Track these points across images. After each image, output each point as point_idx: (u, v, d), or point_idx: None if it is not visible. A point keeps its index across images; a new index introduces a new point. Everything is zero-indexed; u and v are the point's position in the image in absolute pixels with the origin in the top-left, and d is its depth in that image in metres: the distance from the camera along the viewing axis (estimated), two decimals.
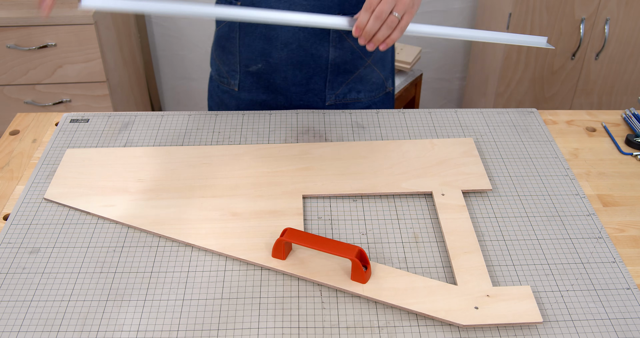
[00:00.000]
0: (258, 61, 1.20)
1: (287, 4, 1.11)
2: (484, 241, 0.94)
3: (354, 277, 0.85)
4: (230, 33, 1.20)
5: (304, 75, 1.21)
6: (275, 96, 1.25)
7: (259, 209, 0.97)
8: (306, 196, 1.00)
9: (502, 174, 1.07)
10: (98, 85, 2.07)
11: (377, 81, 1.28)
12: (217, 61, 1.28)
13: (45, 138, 1.16)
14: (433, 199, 1.00)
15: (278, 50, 1.17)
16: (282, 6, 1.11)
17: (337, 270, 0.87)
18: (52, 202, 0.99)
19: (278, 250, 0.88)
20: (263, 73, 1.22)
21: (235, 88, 1.26)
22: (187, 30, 2.47)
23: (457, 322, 0.80)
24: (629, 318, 0.83)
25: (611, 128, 1.21)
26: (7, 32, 1.93)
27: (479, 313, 0.81)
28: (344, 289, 0.84)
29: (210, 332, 0.80)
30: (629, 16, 2.01)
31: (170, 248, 0.91)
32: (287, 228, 0.87)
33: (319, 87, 1.23)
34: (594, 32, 2.04)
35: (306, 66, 1.20)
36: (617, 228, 0.98)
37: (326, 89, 1.24)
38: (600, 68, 2.14)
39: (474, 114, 1.22)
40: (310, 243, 0.85)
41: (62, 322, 0.81)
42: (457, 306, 0.82)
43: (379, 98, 1.30)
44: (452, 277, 0.87)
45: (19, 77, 2.03)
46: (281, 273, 0.88)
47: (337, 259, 0.88)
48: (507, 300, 0.82)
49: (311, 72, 1.21)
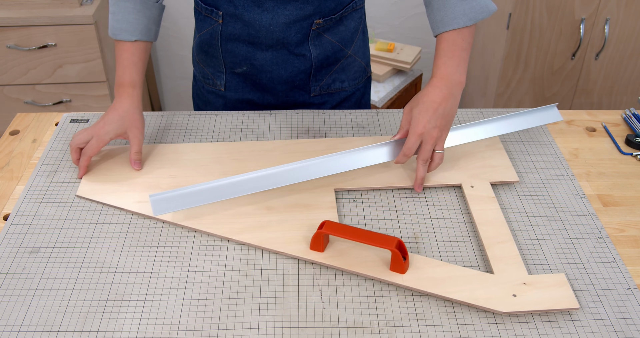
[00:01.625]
0: (242, 64, 1.21)
1: (270, 14, 1.12)
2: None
3: (393, 268, 0.86)
4: (212, 40, 1.20)
5: (289, 74, 1.21)
6: (263, 95, 1.25)
7: (292, 204, 0.98)
8: (338, 190, 1.02)
9: None
10: (98, 85, 2.07)
11: (358, 69, 1.29)
12: (201, 63, 1.28)
13: (45, 138, 1.16)
14: (462, 191, 1.02)
15: (262, 51, 1.18)
16: (265, 17, 1.12)
17: (375, 261, 0.88)
18: (84, 199, 1.00)
19: (317, 243, 0.89)
20: (249, 75, 1.23)
21: (222, 88, 1.27)
22: (187, 31, 2.47)
23: (497, 309, 0.81)
24: (629, 318, 0.83)
25: (611, 128, 1.21)
26: (7, 32, 1.93)
27: (517, 300, 0.83)
28: (383, 279, 0.86)
29: (210, 332, 0.80)
30: (629, 16, 2.01)
31: (170, 248, 0.91)
32: (326, 221, 0.89)
33: (304, 83, 1.24)
34: (594, 32, 2.04)
35: (290, 65, 1.20)
36: (617, 228, 0.98)
37: (310, 83, 1.24)
38: (600, 68, 2.14)
39: (474, 114, 1.22)
40: (349, 235, 0.86)
41: (62, 322, 0.81)
42: (496, 294, 0.84)
43: (362, 84, 1.32)
44: (487, 266, 0.89)
45: (19, 77, 2.03)
46: (280, 273, 0.88)
47: (375, 250, 0.89)
48: (544, 287, 0.84)
49: (296, 70, 1.21)
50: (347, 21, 1.19)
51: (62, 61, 2.00)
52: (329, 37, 1.17)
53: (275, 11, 1.11)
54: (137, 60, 1.08)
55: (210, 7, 1.16)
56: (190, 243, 0.93)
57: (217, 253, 0.91)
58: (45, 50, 1.97)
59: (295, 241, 0.91)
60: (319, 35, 1.16)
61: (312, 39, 1.17)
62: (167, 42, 2.51)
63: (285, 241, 0.91)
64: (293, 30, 1.14)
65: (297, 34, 1.14)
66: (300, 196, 1.00)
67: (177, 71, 2.61)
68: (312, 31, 1.15)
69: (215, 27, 1.18)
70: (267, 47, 1.17)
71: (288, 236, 0.92)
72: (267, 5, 1.10)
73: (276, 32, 1.13)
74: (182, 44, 2.51)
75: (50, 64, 2.00)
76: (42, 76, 2.03)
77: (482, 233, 0.93)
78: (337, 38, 1.19)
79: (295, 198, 0.99)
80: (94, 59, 2.00)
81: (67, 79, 2.05)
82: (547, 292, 0.84)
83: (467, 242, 0.93)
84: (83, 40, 1.96)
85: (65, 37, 1.95)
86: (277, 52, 1.18)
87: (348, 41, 1.21)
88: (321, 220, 0.93)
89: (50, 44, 1.95)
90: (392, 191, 1.03)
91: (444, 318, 0.82)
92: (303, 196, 1.00)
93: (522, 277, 0.86)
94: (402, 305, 0.83)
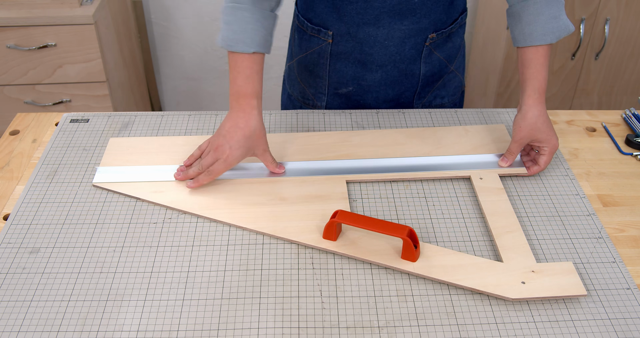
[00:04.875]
0: (349, 84, 1.21)
1: (385, 30, 1.12)
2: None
3: (404, 256, 0.88)
4: (320, 60, 1.19)
5: (395, 92, 1.22)
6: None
7: (305, 194, 1.00)
8: (349, 181, 1.04)
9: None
10: (98, 85, 2.07)
11: (458, 84, 1.30)
12: (302, 83, 1.26)
13: (45, 138, 1.16)
14: (471, 183, 1.03)
15: (372, 72, 1.18)
16: (381, 33, 1.12)
17: (387, 249, 0.90)
18: (101, 188, 1.02)
19: (330, 232, 0.90)
20: (353, 95, 1.23)
21: (322, 109, 1.26)
22: (187, 30, 2.47)
23: (506, 296, 0.83)
24: (629, 318, 0.83)
25: (611, 128, 1.21)
26: (7, 32, 1.92)
27: (526, 287, 0.84)
28: (395, 267, 0.87)
29: (210, 332, 0.80)
30: (629, 16, 2.01)
31: (170, 248, 0.91)
32: (339, 210, 0.90)
33: (408, 101, 1.25)
34: (594, 32, 2.04)
35: (399, 83, 1.21)
36: (617, 228, 0.98)
37: (414, 101, 1.25)
38: (600, 68, 2.14)
39: (474, 114, 1.22)
40: (362, 223, 0.88)
41: (62, 322, 0.81)
42: (505, 281, 0.85)
43: (458, 98, 1.33)
44: (496, 255, 0.91)
45: (19, 77, 2.03)
46: (280, 273, 0.88)
47: (387, 239, 0.91)
48: (552, 274, 0.86)
49: (403, 89, 1.22)
50: (454, 37, 1.20)
51: (62, 61, 2.00)
52: (438, 53, 1.19)
53: (391, 27, 1.11)
54: (259, 69, 1.00)
55: (318, 27, 1.16)
56: (190, 243, 0.93)
57: (217, 253, 0.91)
58: (45, 50, 1.97)
59: (309, 231, 0.93)
60: (430, 52, 1.17)
61: (425, 56, 1.17)
62: (167, 42, 2.51)
63: (298, 231, 0.93)
64: (408, 46, 1.14)
65: (411, 49, 1.15)
66: (312, 187, 1.01)
67: (177, 71, 2.61)
68: (425, 47, 1.16)
69: (323, 47, 1.17)
70: (378, 68, 1.17)
71: (301, 225, 0.94)
72: (383, 21, 1.10)
73: (391, 46, 1.14)
74: (182, 44, 2.51)
75: (50, 64, 2.00)
76: (42, 76, 2.03)
77: (491, 223, 0.95)
78: (444, 55, 1.20)
79: (308, 189, 1.01)
80: (94, 59, 2.00)
81: (67, 79, 2.04)
82: (555, 279, 0.85)
83: (477, 232, 0.95)
84: (83, 41, 1.96)
85: (65, 37, 1.95)
86: (387, 73, 1.18)
87: (452, 57, 1.23)
88: (333, 210, 0.94)
89: (50, 44, 1.95)
90: (402, 183, 1.04)
91: (444, 318, 0.82)
92: (315, 187, 1.02)
93: (530, 265, 0.88)
94: (402, 305, 0.83)
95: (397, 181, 1.05)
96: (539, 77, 1.03)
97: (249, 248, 0.92)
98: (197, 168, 1.01)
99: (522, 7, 1.03)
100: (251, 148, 1.00)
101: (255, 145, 1.00)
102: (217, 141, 1.00)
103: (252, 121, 0.99)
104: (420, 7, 1.10)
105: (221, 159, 0.99)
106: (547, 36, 1.02)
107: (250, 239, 0.93)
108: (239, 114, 0.99)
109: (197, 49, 2.52)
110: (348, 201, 0.99)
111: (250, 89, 0.99)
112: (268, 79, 2.60)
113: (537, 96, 1.03)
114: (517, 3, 1.04)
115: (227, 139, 0.99)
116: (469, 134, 1.14)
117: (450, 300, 0.84)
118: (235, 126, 0.98)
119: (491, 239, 0.93)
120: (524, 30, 1.03)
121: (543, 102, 1.04)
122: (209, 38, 2.48)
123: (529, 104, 1.03)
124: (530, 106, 1.03)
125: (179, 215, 0.97)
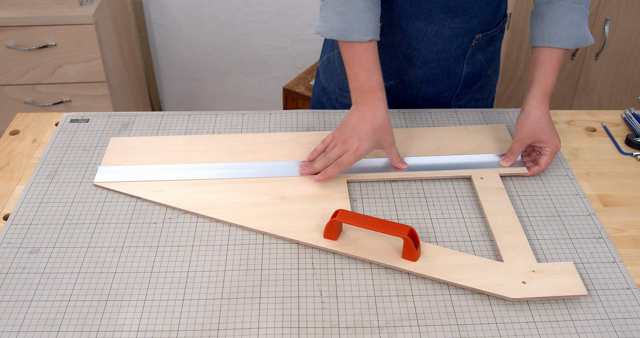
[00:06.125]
0: (391, 78, 1.20)
1: (436, 26, 1.12)
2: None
3: (405, 255, 0.88)
4: None
5: (435, 91, 1.22)
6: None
7: (306, 194, 1.00)
8: (350, 181, 1.04)
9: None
10: (98, 85, 2.07)
11: (492, 88, 1.30)
12: (342, 75, 1.25)
13: (45, 138, 1.16)
14: (472, 183, 1.03)
15: (416, 68, 1.18)
16: (431, 29, 1.12)
17: (388, 248, 0.90)
18: (101, 188, 1.02)
19: (330, 231, 0.90)
20: (393, 90, 1.22)
21: None
22: (187, 30, 2.47)
23: (507, 295, 0.83)
24: (629, 318, 0.83)
25: (611, 128, 1.21)
26: (7, 32, 1.92)
27: (526, 287, 0.84)
28: (395, 267, 0.87)
29: (210, 332, 0.80)
30: (629, 16, 2.01)
31: (170, 248, 0.91)
32: (339, 210, 0.90)
33: (446, 101, 1.25)
34: (594, 32, 2.04)
35: (440, 82, 1.21)
36: (617, 228, 0.98)
37: (452, 102, 1.25)
38: (600, 68, 2.14)
39: (475, 114, 1.22)
40: (362, 223, 0.88)
41: (62, 322, 0.81)
42: (506, 281, 0.85)
43: (489, 102, 1.33)
44: (496, 255, 0.91)
45: (19, 77, 2.03)
46: (280, 273, 0.88)
47: (387, 239, 0.91)
48: (552, 274, 0.86)
49: (443, 88, 1.22)
50: (495, 41, 1.21)
51: (62, 61, 2.00)
52: (480, 55, 1.19)
53: (442, 23, 1.11)
54: (376, 61, 1.00)
55: None
56: (190, 243, 0.93)
57: (217, 253, 0.91)
58: (45, 50, 1.97)
59: (309, 230, 0.93)
60: (474, 53, 1.17)
61: (469, 57, 1.17)
62: (167, 42, 2.51)
63: (299, 230, 0.93)
64: (455, 44, 1.14)
65: (457, 48, 1.15)
66: (313, 186, 1.02)
67: (177, 71, 2.61)
68: (470, 48, 1.16)
69: None
70: (422, 64, 1.17)
71: (302, 225, 0.94)
72: (435, 17, 1.10)
73: (438, 43, 1.13)
74: (182, 44, 2.51)
75: (50, 64, 2.00)
76: (42, 76, 2.03)
77: (492, 223, 0.95)
78: (485, 57, 1.20)
79: (309, 188, 1.01)
80: (94, 59, 2.00)
81: (67, 79, 2.05)
82: (556, 279, 0.85)
83: (478, 232, 0.95)
84: (83, 41, 1.96)
85: (65, 37, 1.95)
86: (430, 70, 1.18)
87: (491, 61, 1.23)
88: (334, 209, 0.94)
89: (50, 44, 1.95)
90: (402, 182, 1.04)
91: (444, 318, 0.82)
92: (316, 186, 1.02)
93: (531, 265, 0.88)
94: (402, 305, 0.83)
95: (398, 181, 1.05)
96: (547, 79, 1.03)
97: (249, 248, 0.92)
98: (323, 161, 1.01)
99: (546, 9, 1.03)
100: (379, 140, 1.00)
101: (384, 137, 1.01)
102: (346, 134, 1.00)
103: (379, 113, 0.99)
104: (472, 7, 1.10)
105: (350, 151, 0.99)
106: (565, 40, 1.02)
107: (251, 239, 0.93)
108: (365, 108, 0.99)
109: (197, 49, 2.52)
110: (349, 200, 0.99)
111: (374, 82, 1.00)
112: (268, 79, 2.60)
113: (542, 97, 1.03)
114: (543, 4, 1.04)
115: (356, 131, 0.99)
116: (469, 134, 1.14)
117: (451, 300, 0.84)
118: (363, 118, 0.99)
119: (492, 239, 0.93)
120: (544, 30, 1.03)
121: (547, 104, 1.04)
122: (208, 38, 2.48)
123: (533, 104, 1.03)
124: (533, 106, 1.03)
125: (179, 214, 0.97)
